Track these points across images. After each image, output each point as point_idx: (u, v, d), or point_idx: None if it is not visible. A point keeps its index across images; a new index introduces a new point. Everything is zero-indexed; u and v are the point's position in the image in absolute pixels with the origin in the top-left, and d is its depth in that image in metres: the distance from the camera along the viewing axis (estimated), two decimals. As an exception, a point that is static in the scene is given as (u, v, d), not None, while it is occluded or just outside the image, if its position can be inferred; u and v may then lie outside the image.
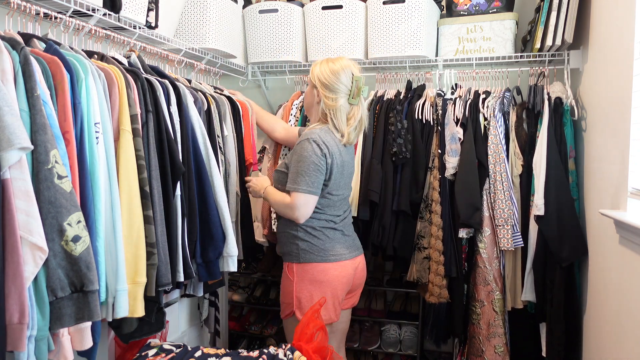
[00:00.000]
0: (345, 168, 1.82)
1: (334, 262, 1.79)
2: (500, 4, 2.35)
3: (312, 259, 1.78)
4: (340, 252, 1.81)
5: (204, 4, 2.17)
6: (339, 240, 1.82)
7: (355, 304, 1.99)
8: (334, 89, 1.75)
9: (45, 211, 1.08)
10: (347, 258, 1.82)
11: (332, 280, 1.78)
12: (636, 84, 1.54)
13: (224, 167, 1.89)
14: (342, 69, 1.75)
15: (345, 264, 1.81)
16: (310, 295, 1.78)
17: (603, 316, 1.75)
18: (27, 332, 1.04)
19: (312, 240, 1.79)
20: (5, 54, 1.08)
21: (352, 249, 1.86)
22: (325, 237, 1.80)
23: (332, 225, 1.82)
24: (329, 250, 1.79)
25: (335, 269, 1.79)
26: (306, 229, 1.80)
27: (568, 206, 1.98)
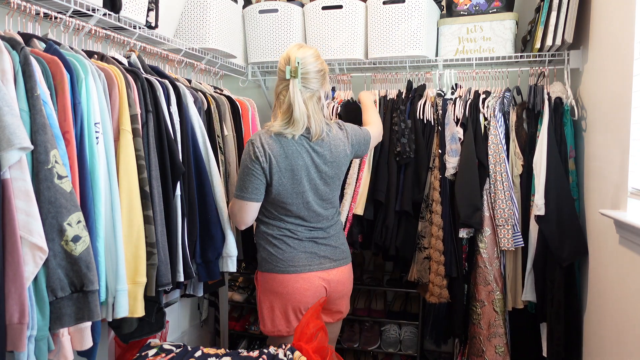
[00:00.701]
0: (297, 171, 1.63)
1: (293, 273, 1.68)
2: (500, 4, 2.35)
3: (271, 269, 1.70)
4: (302, 262, 1.69)
5: (204, 4, 2.17)
6: (306, 249, 1.70)
7: (341, 317, 1.87)
8: (279, 77, 1.66)
9: (45, 211, 1.08)
10: (313, 270, 1.69)
11: (293, 293, 1.67)
12: (636, 84, 1.54)
13: (224, 167, 1.89)
14: (283, 56, 1.65)
15: (309, 277, 1.68)
16: (270, 306, 1.71)
17: (603, 316, 1.75)
18: (27, 332, 1.04)
19: (271, 249, 1.70)
20: (5, 54, 1.08)
21: (326, 260, 1.73)
22: (285, 247, 1.69)
23: (295, 235, 1.70)
24: (289, 260, 1.68)
25: (295, 281, 1.67)
26: (266, 237, 1.71)
27: (568, 206, 1.98)
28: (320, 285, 1.72)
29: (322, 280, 1.72)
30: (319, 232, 1.73)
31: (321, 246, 1.73)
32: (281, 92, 1.65)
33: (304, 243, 1.70)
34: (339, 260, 1.77)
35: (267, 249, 1.71)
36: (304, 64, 1.61)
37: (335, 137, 1.71)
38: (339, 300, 1.81)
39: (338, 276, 1.76)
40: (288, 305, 1.69)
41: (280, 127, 1.62)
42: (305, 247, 1.71)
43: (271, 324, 1.71)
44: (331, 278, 1.74)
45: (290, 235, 1.70)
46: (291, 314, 1.69)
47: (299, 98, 1.60)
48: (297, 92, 1.60)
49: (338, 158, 1.71)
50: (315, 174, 1.67)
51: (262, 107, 2.80)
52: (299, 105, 1.60)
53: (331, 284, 1.74)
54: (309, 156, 1.65)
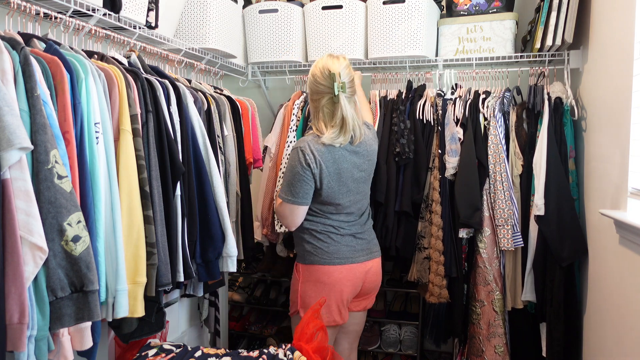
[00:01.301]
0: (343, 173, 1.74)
1: (338, 265, 1.78)
2: (500, 4, 2.35)
3: (317, 261, 1.78)
4: (346, 255, 1.79)
5: (204, 4, 2.17)
6: (347, 243, 1.80)
7: (368, 306, 1.97)
8: (317, 91, 1.72)
9: (45, 211, 1.08)
10: (354, 262, 1.80)
11: (336, 283, 1.77)
12: (636, 84, 1.54)
13: (224, 167, 1.89)
14: (319, 70, 1.71)
15: (352, 267, 1.80)
16: (315, 296, 1.78)
17: (603, 316, 1.75)
18: (27, 332, 1.04)
19: (316, 242, 1.79)
20: (5, 54, 1.08)
21: (363, 253, 1.83)
22: (330, 240, 1.79)
23: (337, 231, 1.80)
24: (334, 253, 1.78)
25: (339, 271, 1.78)
26: (311, 232, 1.80)
27: (568, 206, 1.98)
28: (360, 276, 1.83)
29: (361, 272, 1.83)
30: (357, 227, 1.84)
31: (359, 240, 1.84)
32: (325, 105, 1.72)
33: (345, 238, 1.81)
34: (373, 253, 1.89)
35: (311, 242, 1.80)
36: (342, 77, 1.70)
37: (368, 136, 1.84)
38: (373, 291, 1.93)
39: (374, 268, 1.88)
40: (331, 295, 1.78)
41: (331, 139, 1.70)
42: (347, 241, 1.81)
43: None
44: (368, 269, 1.85)
45: (333, 230, 1.80)
46: (333, 304, 1.79)
47: (351, 110, 1.71)
48: (348, 106, 1.70)
49: (372, 155, 1.85)
50: (358, 173, 1.79)
51: (262, 107, 2.81)
52: (352, 117, 1.71)
53: (367, 275, 1.86)
54: (351, 158, 1.76)
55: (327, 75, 1.69)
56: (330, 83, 1.68)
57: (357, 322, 1.97)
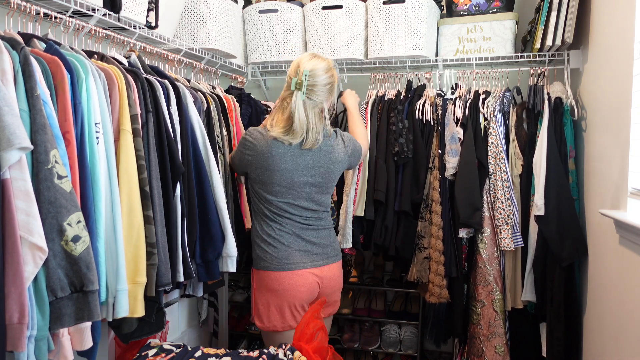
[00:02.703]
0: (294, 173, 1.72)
1: (288, 270, 1.73)
2: (500, 4, 2.35)
3: (267, 266, 1.75)
4: (297, 260, 1.75)
5: (204, 4, 2.17)
6: (299, 248, 1.76)
7: (333, 312, 1.93)
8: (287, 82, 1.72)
9: (45, 211, 1.08)
10: (306, 267, 1.76)
11: (288, 289, 1.73)
12: (636, 84, 1.54)
13: (223, 167, 1.89)
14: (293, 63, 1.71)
15: (303, 273, 1.75)
16: (267, 303, 1.75)
17: (603, 316, 1.75)
18: (27, 332, 1.04)
19: (266, 247, 1.76)
20: (5, 54, 1.07)
21: (317, 257, 1.79)
22: (280, 245, 1.75)
23: (289, 234, 1.76)
24: (283, 258, 1.74)
25: (290, 277, 1.73)
26: (262, 236, 1.77)
27: (568, 206, 1.98)
28: (314, 281, 1.78)
29: (315, 277, 1.78)
30: (310, 232, 1.80)
31: (313, 245, 1.79)
32: (286, 99, 1.71)
33: (297, 241, 1.77)
34: (330, 258, 1.84)
35: (262, 247, 1.78)
36: (312, 76, 1.67)
37: (329, 145, 1.78)
38: (331, 296, 1.88)
39: (330, 272, 1.83)
40: (283, 301, 1.74)
41: (279, 133, 1.69)
42: (299, 246, 1.77)
43: (267, 320, 1.77)
44: (324, 274, 1.81)
45: (283, 234, 1.76)
46: (286, 310, 1.75)
47: (301, 110, 1.67)
48: (299, 104, 1.66)
49: (328, 164, 1.77)
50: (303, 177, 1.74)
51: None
52: (299, 116, 1.67)
53: (324, 280, 1.81)
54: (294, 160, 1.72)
55: (295, 70, 1.68)
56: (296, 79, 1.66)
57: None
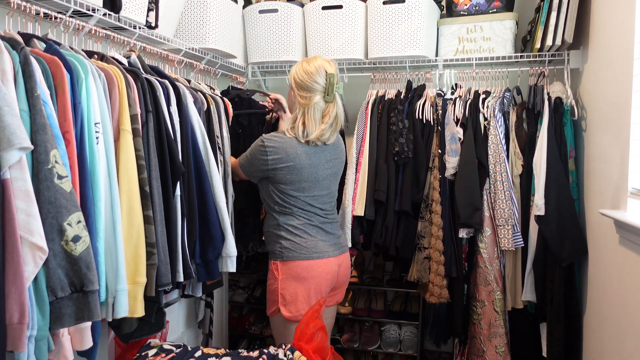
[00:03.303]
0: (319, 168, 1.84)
1: (317, 259, 1.83)
2: (500, 4, 2.35)
3: (296, 256, 1.83)
4: (323, 249, 1.85)
5: (204, 4, 2.17)
6: (322, 238, 1.87)
7: (339, 301, 2.03)
8: (308, 88, 1.78)
9: (45, 211, 1.08)
10: (330, 255, 1.86)
11: (317, 277, 1.83)
12: (636, 84, 1.54)
13: (223, 168, 1.89)
14: (315, 69, 1.79)
15: (330, 261, 1.86)
16: (295, 292, 1.82)
17: (603, 316, 1.75)
18: (27, 332, 1.04)
19: (294, 239, 1.84)
20: (5, 54, 1.07)
21: (336, 247, 1.90)
22: (307, 236, 1.84)
23: (314, 224, 1.86)
24: (312, 248, 1.84)
25: (319, 265, 1.83)
26: (288, 229, 1.85)
27: (568, 206, 1.98)
28: (336, 270, 1.89)
29: (337, 265, 1.89)
30: (327, 225, 1.91)
31: (330, 235, 1.90)
32: (317, 103, 1.79)
33: (320, 232, 1.87)
34: (343, 247, 1.96)
35: (288, 239, 1.85)
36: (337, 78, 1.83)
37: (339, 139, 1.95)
38: (344, 284, 2.00)
39: (345, 261, 1.96)
40: (311, 288, 1.83)
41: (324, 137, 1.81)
42: (322, 236, 1.87)
43: (295, 308, 1.83)
44: (341, 262, 1.92)
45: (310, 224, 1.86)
46: (313, 297, 1.83)
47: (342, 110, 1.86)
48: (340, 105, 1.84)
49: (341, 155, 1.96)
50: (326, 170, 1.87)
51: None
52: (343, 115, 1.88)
53: (340, 269, 1.92)
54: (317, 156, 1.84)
55: (323, 74, 1.78)
56: (326, 83, 1.78)
57: (330, 315, 2.03)
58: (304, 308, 1.81)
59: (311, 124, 1.79)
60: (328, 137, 1.82)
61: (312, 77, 1.78)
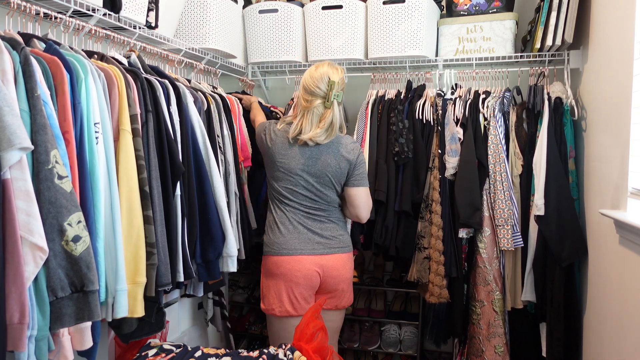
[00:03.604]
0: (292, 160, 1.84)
1: (285, 255, 1.82)
2: (500, 4, 2.35)
3: (268, 251, 1.87)
4: (296, 246, 1.83)
5: (204, 4, 2.17)
6: (299, 235, 1.84)
7: (338, 306, 1.94)
8: (311, 92, 1.82)
9: (46, 211, 1.08)
10: (305, 253, 1.82)
11: (285, 274, 1.82)
12: (636, 84, 1.54)
13: (223, 167, 1.89)
14: (320, 75, 1.82)
15: (301, 259, 1.82)
16: (267, 287, 1.86)
17: (603, 316, 1.75)
18: (27, 332, 1.04)
19: (270, 233, 1.88)
20: (6, 54, 1.08)
21: (318, 247, 1.85)
22: (283, 230, 1.85)
23: (293, 219, 1.85)
24: (282, 243, 1.83)
25: (288, 262, 1.82)
26: (269, 222, 1.90)
27: (568, 206, 1.98)
28: (312, 269, 1.83)
29: (315, 265, 1.83)
30: (314, 222, 1.87)
31: (315, 234, 1.86)
32: (316, 107, 1.81)
33: (298, 228, 1.85)
34: (335, 248, 1.89)
35: (267, 232, 1.90)
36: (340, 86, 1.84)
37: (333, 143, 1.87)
38: (337, 287, 1.90)
39: (332, 262, 1.87)
40: (281, 285, 1.83)
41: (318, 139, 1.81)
42: (300, 233, 1.85)
43: (267, 302, 1.87)
44: (324, 263, 1.85)
45: (285, 220, 1.86)
46: (284, 295, 1.82)
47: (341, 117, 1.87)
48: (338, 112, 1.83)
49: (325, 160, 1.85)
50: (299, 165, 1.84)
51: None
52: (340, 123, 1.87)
53: (325, 270, 1.86)
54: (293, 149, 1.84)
55: (326, 81, 1.81)
56: (327, 89, 1.80)
57: (331, 319, 1.95)
58: (275, 303, 1.83)
59: (307, 126, 1.82)
60: (322, 140, 1.82)
61: (316, 82, 1.81)
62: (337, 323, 2.00)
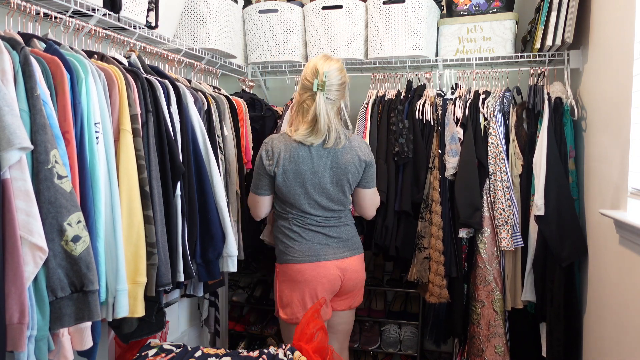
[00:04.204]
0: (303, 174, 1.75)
1: (309, 262, 1.78)
2: (500, 4, 2.35)
3: (289, 259, 1.79)
4: (318, 252, 1.79)
5: (204, 4, 2.17)
6: (319, 241, 1.80)
7: (354, 305, 1.95)
8: (303, 86, 1.76)
9: (45, 211, 1.08)
10: (327, 259, 1.79)
11: (310, 281, 1.77)
12: (636, 84, 1.54)
13: (224, 167, 1.89)
14: (310, 68, 1.74)
15: (326, 265, 1.79)
16: (290, 295, 1.79)
17: (603, 316, 1.75)
18: (27, 332, 1.04)
19: (288, 241, 1.80)
20: (5, 54, 1.08)
21: (339, 250, 1.82)
22: (302, 239, 1.79)
23: (310, 228, 1.80)
24: (305, 251, 1.78)
25: (312, 269, 1.77)
26: (284, 231, 1.82)
27: (568, 206, 1.98)
28: (336, 273, 1.81)
29: (337, 269, 1.81)
30: (331, 229, 1.83)
31: (332, 238, 1.83)
32: (305, 102, 1.75)
33: (318, 236, 1.81)
34: (352, 250, 1.87)
35: (284, 242, 1.82)
36: (329, 77, 1.71)
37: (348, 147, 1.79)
38: (354, 289, 1.90)
39: (352, 265, 1.86)
40: (306, 292, 1.78)
41: (303, 136, 1.72)
42: (320, 240, 1.81)
43: (290, 311, 1.80)
44: (345, 266, 1.83)
45: (304, 230, 1.80)
46: (308, 301, 1.79)
47: (324, 110, 1.71)
48: (322, 104, 1.70)
49: (345, 165, 1.78)
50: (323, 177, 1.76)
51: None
52: (324, 116, 1.70)
53: (346, 273, 1.84)
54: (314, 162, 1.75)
55: (313, 72, 1.73)
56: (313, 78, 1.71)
57: (344, 321, 1.96)
58: (300, 312, 1.78)
59: (296, 122, 1.76)
60: (312, 140, 1.72)
61: (306, 75, 1.75)
62: (349, 325, 2.00)
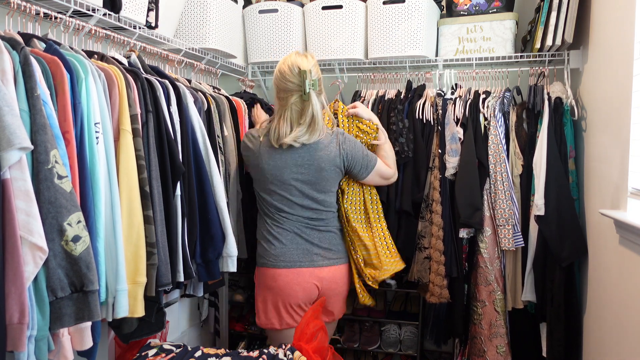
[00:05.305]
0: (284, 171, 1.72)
1: (284, 268, 1.73)
2: (500, 4, 2.35)
3: (264, 263, 1.77)
4: (294, 258, 1.74)
5: (204, 4, 2.17)
6: (297, 246, 1.76)
7: (335, 318, 1.91)
8: (284, 89, 1.70)
9: (45, 211, 1.08)
10: (304, 266, 1.74)
11: (283, 287, 1.73)
12: (636, 84, 1.54)
13: (224, 167, 1.89)
14: (289, 68, 1.68)
15: (301, 272, 1.74)
16: (264, 300, 1.76)
17: (603, 316, 1.75)
18: (27, 332, 1.04)
19: (265, 244, 1.78)
20: (5, 54, 1.08)
21: (318, 258, 1.77)
22: (278, 243, 1.75)
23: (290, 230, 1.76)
24: (280, 256, 1.74)
25: (286, 275, 1.73)
26: (263, 233, 1.80)
27: (568, 206, 1.98)
28: (311, 281, 1.75)
29: (313, 277, 1.76)
30: (312, 232, 1.78)
31: (313, 245, 1.77)
32: (293, 104, 1.69)
33: (296, 239, 1.75)
34: (332, 260, 1.81)
35: (262, 244, 1.79)
36: (313, 74, 1.68)
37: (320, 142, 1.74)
38: (332, 299, 1.83)
39: (330, 274, 1.79)
40: (278, 299, 1.74)
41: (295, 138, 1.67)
42: (298, 244, 1.75)
43: (265, 317, 1.78)
44: (323, 276, 1.78)
45: (282, 231, 1.76)
46: (282, 308, 1.74)
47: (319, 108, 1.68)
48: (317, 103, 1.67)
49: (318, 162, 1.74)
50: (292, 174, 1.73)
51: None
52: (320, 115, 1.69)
53: (323, 282, 1.78)
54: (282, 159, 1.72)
55: (296, 72, 1.67)
56: (300, 80, 1.66)
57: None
58: (274, 317, 1.74)
59: (286, 126, 1.69)
60: (307, 139, 1.70)
61: (285, 76, 1.69)
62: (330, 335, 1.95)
